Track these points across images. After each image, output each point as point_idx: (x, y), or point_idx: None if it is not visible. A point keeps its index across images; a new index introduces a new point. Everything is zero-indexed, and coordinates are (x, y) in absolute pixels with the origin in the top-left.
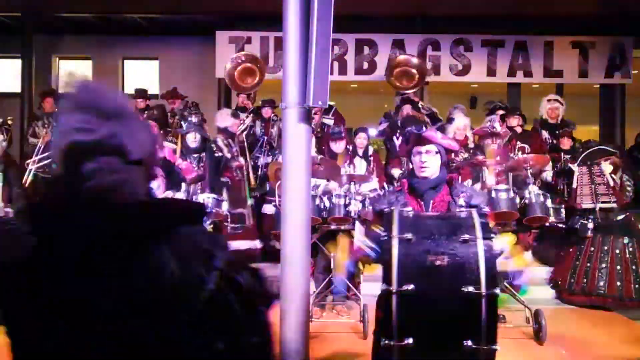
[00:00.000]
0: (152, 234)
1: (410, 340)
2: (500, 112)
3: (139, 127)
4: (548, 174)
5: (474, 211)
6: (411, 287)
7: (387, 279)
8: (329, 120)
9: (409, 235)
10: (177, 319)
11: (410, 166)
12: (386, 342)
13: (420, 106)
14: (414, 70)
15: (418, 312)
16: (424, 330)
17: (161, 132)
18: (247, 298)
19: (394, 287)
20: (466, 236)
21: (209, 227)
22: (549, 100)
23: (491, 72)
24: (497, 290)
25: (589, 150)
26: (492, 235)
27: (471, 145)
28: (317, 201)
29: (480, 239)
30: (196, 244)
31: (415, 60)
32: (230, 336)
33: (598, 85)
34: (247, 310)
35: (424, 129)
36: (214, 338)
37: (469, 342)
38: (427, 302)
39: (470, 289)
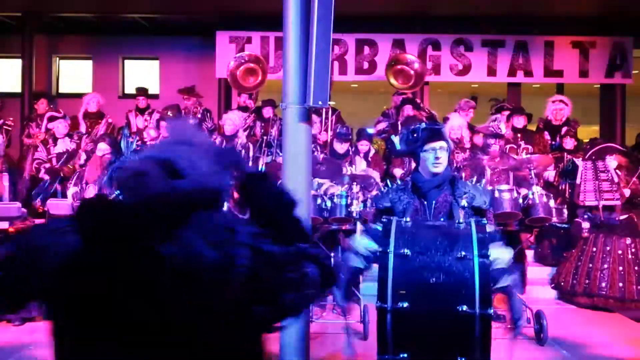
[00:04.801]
0: (171, 221)
1: (405, 355)
2: (506, 112)
3: (197, 154)
4: (550, 174)
5: (473, 223)
6: (405, 304)
7: (381, 295)
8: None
9: (405, 251)
10: (220, 298)
11: (413, 165)
12: (382, 357)
13: (421, 107)
14: (412, 72)
15: (412, 328)
16: (419, 346)
17: None
18: (277, 262)
19: (388, 305)
20: (462, 253)
21: None
22: (553, 102)
23: (491, 72)
24: (491, 310)
25: (599, 147)
26: (489, 253)
27: (467, 145)
28: (319, 201)
29: (477, 257)
30: (217, 225)
31: (414, 61)
32: (270, 300)
33: (598, 85)
34: (278, 274)
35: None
36: (254, 306)
37: (463, 359)
38: (422, 319)
39: (465, 308)
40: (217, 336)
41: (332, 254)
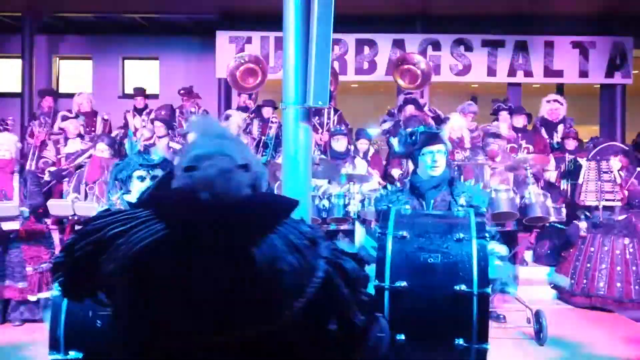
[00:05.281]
0: (265, 225)
1: (402, 337)
2: (504, 112)
3: (240, 146)
4: (551, 175)
5: (471, 211)
6: (404, 283)
7: (380, 275)
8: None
9: (404, 233)
10: (292, 304)
11: (411, 166)
12: None
13: (427, 108)
14: (419, 72)
15: (410, 308)
16: (416, 327)
17: (168, 132)
18: (352, 281)
19: (386, 284)
20: (460, 235)
21: None
22: (548, 101)
23: (491, 72)
24: (489, 290)
25: (602, 146)
26: (486, 235)
27: (467, 145)
28: (317, 201)
29: (475, 239)
30: (301, 234)
31: (420, 61)
32: (340, 317)
33: (598, 85)
34: (352, 292)
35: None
36: (326, 320)
37: (460, 341)
38: (419, 299)
39: (463, 287)
40: (287, 343)
41: None
